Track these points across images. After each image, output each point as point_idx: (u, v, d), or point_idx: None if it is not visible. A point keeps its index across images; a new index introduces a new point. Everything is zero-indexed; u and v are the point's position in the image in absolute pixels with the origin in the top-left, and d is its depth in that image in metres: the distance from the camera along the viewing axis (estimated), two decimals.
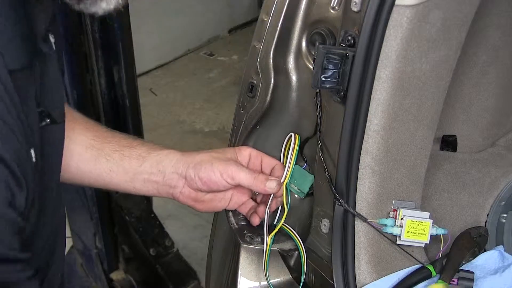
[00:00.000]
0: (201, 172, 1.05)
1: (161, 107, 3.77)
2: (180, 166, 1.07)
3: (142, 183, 1.08)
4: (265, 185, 1.06)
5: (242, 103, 1.16)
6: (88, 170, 1.07)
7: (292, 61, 1.09)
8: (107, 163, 1.06)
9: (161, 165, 1.07)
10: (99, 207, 2.18)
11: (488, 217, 1.16)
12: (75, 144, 1.06)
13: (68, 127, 1.04)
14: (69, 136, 1.04)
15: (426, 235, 0.99)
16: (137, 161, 1.07)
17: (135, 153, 1.08)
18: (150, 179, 1.07)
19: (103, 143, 1.07)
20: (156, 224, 2.25)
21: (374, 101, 0.93)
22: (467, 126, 1.29)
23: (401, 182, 1.01)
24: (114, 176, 1.07)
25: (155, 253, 2.19)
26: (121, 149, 1.07)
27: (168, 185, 1.08)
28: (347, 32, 0.93)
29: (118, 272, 2.35)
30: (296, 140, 1.09)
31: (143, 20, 3.65)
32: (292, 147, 1.09)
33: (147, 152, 1.08)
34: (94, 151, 1.07)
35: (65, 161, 1.04)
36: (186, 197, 1.09)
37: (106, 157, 1.06)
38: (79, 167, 1.07)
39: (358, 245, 1.00)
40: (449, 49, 0.95)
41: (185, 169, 1.06)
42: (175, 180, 1.07)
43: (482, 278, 1.02)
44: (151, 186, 1.08)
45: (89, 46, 1.92)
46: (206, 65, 4.29)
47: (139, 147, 1.09)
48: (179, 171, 1.06)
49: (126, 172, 1.07)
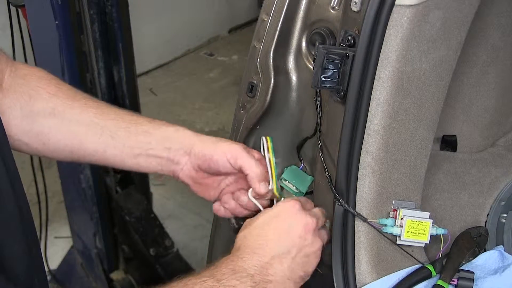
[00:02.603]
0: (205, 149, 1.05)
1: (161, 107, 3.77)
2: (186, 142, 1.06)
3: (146, 159, 1.07)
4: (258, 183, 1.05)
5: (242, 103, 1.16)
6: (93, 149, 1.06)
7: (292, 61, 1.09)
8: (113, 140, 1.05)
9: (168, 141, 1.06)
10: (99, 207, 2.18)
11: (488, 217, 1.16)
12: (77, 123, 1.05)
13: (67, 106, 1.04)
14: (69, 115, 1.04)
15: (426, 235, 0.99)
16: (144, 137, 1.06)
17: (141, 129, 1.06)
18: (156, 154, 1.06)
19: (107, 120, 1.06)
20: (156, 224, 2.25)
21: (374, 101, 0.93)
22: (467, 126, 1.29)
23: (401, 182, 1.01)
24: (118, 154, 1.06)
25: (155, 253, 2.19)
26: (127, 126, 1.06)
27: (172, 160, 1.07)
28: (347, 32, 0.93)
29: (118, 272, 2.36)
30: (268, 141, 1.09)
31: (143, 20, 3.65)
32: (267, 149, 1.08)
33: (154, 128, 1.07)
34: (98, 129, 1.05)
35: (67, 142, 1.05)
36: (186, 175, 1.08)
37: (112, 135, 1.05)
38: (82, 147, 1.06)
39: (358, 245, 1.00)
40: (449, 49, 0.95)
41: (191, 145, 1.06)
42: (179, 156, 1.06)
43: (482, 278, 1.02)
44: (155, 162, 1.07)
45: (89, 46, 1.92)
46: (206, 65, 4.29)
47: (146, 123, 1.07)
48: (185, 147, 1.06)
49: (132, 149, 1.06)
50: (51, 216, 2.48)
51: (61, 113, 1.04)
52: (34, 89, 1.04)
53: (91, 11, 1.87)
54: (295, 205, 0.98)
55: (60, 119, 1.04)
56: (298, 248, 0.96)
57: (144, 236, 2.21)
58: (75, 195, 2.21)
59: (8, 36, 2.00)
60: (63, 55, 1.84)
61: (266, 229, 0.97)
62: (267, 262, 0.94)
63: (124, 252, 2.34)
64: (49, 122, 1.04)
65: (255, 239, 0.96)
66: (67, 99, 1.05)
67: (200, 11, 4.36)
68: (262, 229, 0.97)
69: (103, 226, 2.23)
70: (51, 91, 1.05)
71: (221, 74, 4.17)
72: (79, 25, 1.86)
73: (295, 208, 0.98)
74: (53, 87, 1.06)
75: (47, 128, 1.04)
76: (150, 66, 4.14)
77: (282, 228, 0.97)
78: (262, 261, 0.94)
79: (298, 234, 0.96)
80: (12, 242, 0.85)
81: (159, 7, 4.01)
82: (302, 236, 0.97)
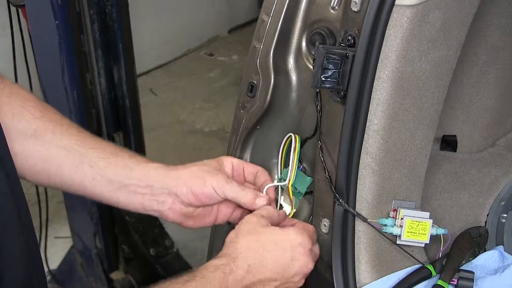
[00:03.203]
0: (193, 187, 1.03)
1: (161, 107, 3.77)
2: (169, 182, 1.03)
3: (127, 195, 1.04)
4: (255, 203, 1.05)
5: (242, 103, 1.16)
6: (70, 176, 1.03)
7: (292, 61, 1.09)
8: (91, 170, 1.02)
9: (149, 179, 1.03)
10: (99, 207, 2.18)
11: (488, 217, 1.16)
12: (57, 147, 1.02)
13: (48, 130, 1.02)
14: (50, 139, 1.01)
15: (426, 235, 0.99)
16: (124, 171, 1.03)
17: (121, 163, 1.03)
18: (137, 191, 1.03)
19: (88, 149, 1.03)
20: (156, 224, 2.25)
21: (374, 101, 0.93)
22: (467, 126, 1.29)
23: (401, 182, 1.01)
24: (97, 185, 1.03)
25: (155, 253, 2.19)
26: (107, 157, 1.03)
27: (156, 200, 1.04)
28: (347, 32, 0.93)
29: (118, 272, 2.35)
30: (297, 141, 1.09)
31: (143, 20, 3.65)
32: (293, 148, 1.09)
33: (135, 163, 1.04)
34: (77, 156, 1.02)
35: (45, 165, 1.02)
36: (176, 213, 1.06)
37: (90, 164, 1.02)
38: (59, 173, 1.03)
39: (358, 245, 1.00)
40: (449, 49, 0.95)
41: (175, 185, 1.03)
42: (164, 196, 1.04)
43: (482, 278, 1.02)
44: (136, 200, 1.04)
45: (89, 46, 1.92)
46: (206, 65, 4.28)
47: (126, 157, 1.04)
48: (169, 187, 1.03)
49: (111, 182, 1.03)
50: (51, 216, 2.47)
51: (42, 135, 1.01)
52: (18, 109, 1.01)
53: (91, 11, 1.87)
54: (308, 244, 0.98)
55: (40, 142, 1.02)
56: (286, 280, 0.97)
57: (144, 236, 2.20)
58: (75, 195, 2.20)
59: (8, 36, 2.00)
60: (63, 55, 1.84)
61: (269, 250, 0.96)
62: (254, 282, 0.95)
63: (124, 252, 2.33)
64: (29, 143, 1.01)
65: (254, 255, 0.96)
66: (49, 122, 1.03)
67: (200, 11, 4.36)
68: (265, 247, 0.96)
69: (103, 226, 2.23)
70: (35, 114, 1.02)
71: (221, 74, 4.17)
72: (79, 25, 1.86)
73: (305, 247, 0.98)
74: (38, 111, 1.03)
75: (26, 150, 1.01)
76: (150, 66, 4.14)
77: (284, 257, 0.97)
78: (251, 281, 0.94)
79: (294, 271, 0.97)
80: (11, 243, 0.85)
81: (159, 7, 4.01)
82: (296, 274, 0.98)
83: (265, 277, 0.95)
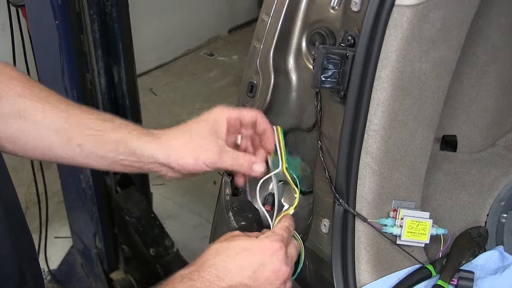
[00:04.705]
0: (185, 165, 1.04)
1: (161, 107, 3.77)
2: (159, 155, 1.04)
3: (122, 168, 1.06)
4: (252, 169, 1.05)
5: (242, 103, 1.16)
6: (63, 153, 1.04)
7: (292, 61, 1.09)
8: (80, 148, 1.03)
9: (140, 154, 1.04)
10: (99, 207, 2.18)
11: (488, 217, 1.16)
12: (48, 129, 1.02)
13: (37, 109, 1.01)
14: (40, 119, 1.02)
15: (426, 235, 0.99)
16: (113, 146, 1.04)
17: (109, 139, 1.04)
18: (129, 164, 1.05)
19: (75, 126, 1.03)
20: (156, 224, 2.25)
21: (374, 101, 0.93)
22: (467, 126, 1.29)
23: (401, 182, 1.01)
24: (90, 161, 1.05)
25: (155, 253, 2.19)
26: (95, 133, 1.03)
27: (150, 168, 1.06)
28: (347, 32, 0.93)
29: (118, 272, 2.36)
30: (279, 131, 1.08)
31: (143, 20, 3.65)
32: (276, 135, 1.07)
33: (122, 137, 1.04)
34: (66, 136, 1.03)
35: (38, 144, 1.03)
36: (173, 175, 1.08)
37: (79, 142, 1.03)
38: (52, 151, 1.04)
39: (358, 245, 1.00)
40: (449, 49, 0.95)
41: (165, 159, 1.04)
42: (157, 166, 1.06)
43: (482, 278, 1.02)
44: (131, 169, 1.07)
45: (89, 46, 1.92)
46: (206, 65, 4.29)
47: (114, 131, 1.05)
48: (159, 161, 1.04)
49: (102, 158, 1.04)
50: (51, 216, 2.48)
51: (31, 116, 1.01)
52: (3, 89, 1.01)
53: (91, 11, 1.87)
54: (280, 248, 0.96)
55: (30, 123, 1.02)
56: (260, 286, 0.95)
57: (144, 236, 2.21)
58: (75, 195, 2.21)
59: (8, 36, 2.01)
60: (63, 55, 1.84)
61: (238, 256, 0.96)
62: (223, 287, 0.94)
63: (124, 252, 2.33)
64: (19, 124, 1.01)
65: (223, 260, 0.95)
66: (38, 101, 1.02)
67: (200, 11, 4.36)
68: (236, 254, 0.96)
69: (103, 226, 2.23)
70: (21, 91, 1.02)
71: (221, 74, 4.17)
72: (79, 25, 1.86)
73: (277, 251, 0.96)
74: (24, 88, 1.02)
75: (18, 131, 1.01)
76: (150, 66, 4.14)
77: (253, 263, 0.95)
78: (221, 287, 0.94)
79: (266, 276, 0.95)
80: None
81: (159, 7, 4.01)
82: (269, 278, 0.95)
83: (235, 283, 0.94)
